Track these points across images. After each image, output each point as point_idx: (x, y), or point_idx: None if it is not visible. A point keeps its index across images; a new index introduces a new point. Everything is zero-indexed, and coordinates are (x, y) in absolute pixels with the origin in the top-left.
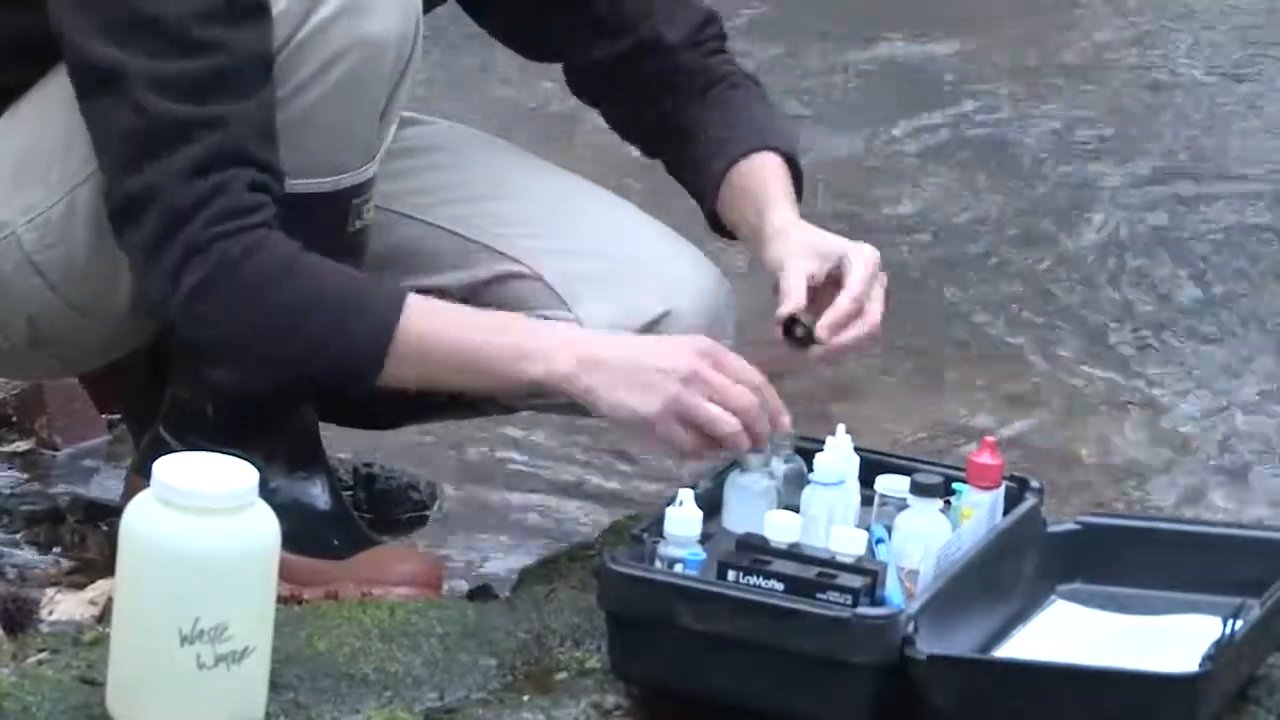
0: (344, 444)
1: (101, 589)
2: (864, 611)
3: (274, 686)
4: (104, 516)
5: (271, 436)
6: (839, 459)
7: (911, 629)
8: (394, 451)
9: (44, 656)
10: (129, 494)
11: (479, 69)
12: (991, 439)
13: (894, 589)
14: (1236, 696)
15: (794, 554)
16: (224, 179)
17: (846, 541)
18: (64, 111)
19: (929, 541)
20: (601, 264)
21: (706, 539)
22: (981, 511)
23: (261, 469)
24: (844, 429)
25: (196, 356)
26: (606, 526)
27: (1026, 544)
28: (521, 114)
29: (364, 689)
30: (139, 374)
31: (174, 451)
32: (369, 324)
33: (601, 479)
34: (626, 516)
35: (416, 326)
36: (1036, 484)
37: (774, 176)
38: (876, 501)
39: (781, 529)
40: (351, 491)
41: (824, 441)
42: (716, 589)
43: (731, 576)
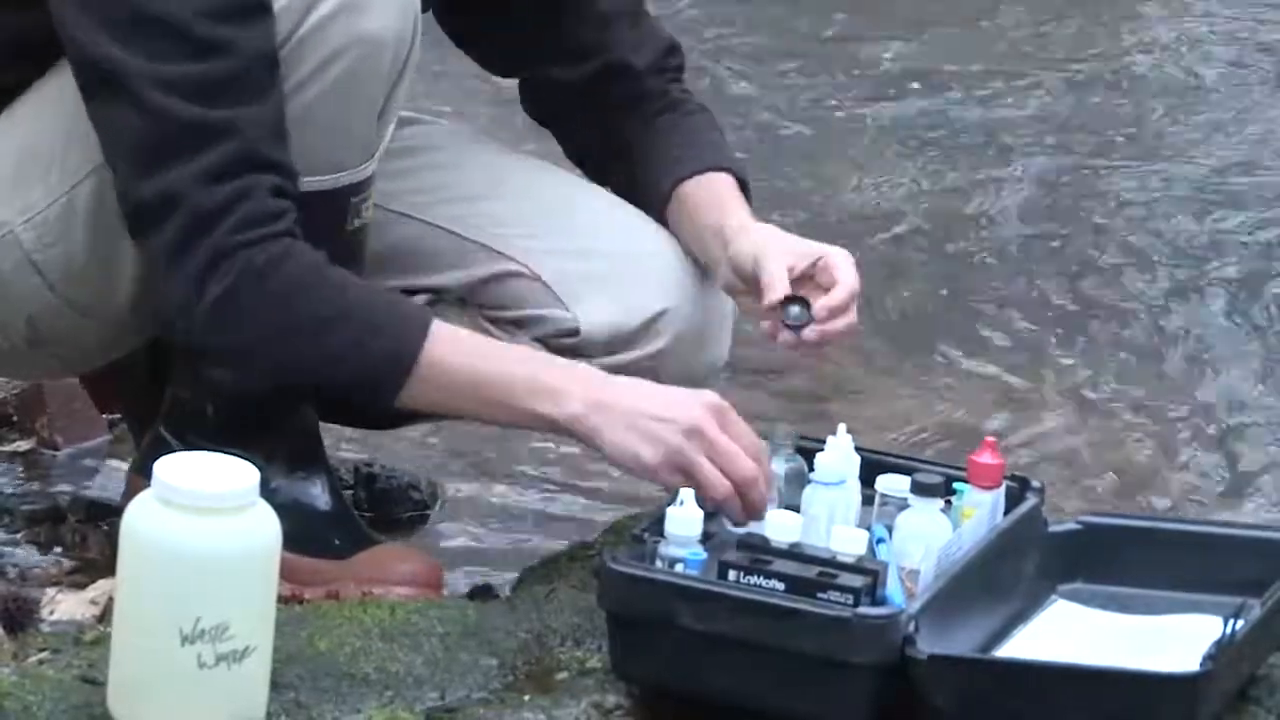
0: (345, 443)
1: (102, 589)
2: (865, 611)
3: (275, 686)
4: (105, 516)
5: (272, 436)
6: (840, 458)
7: (912, 629)
8: (394, 451)
9: (45, 656)
10: (130, 493)
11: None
12: (992, 439)
13: (895, 589)
14: (1237, 696)
15: (795, 554)
16: (246, 184)
17: (847, 541)
18: (63, 111)
19: (930, 541)
20: (599, 263)
21: (707, 539)
22: (982, 511)
23: (262, 469)
24: (845, 428)
25: (197, 357)
26: (607, 526)
27: (1027, 544)
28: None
29: (365, 689)
30: (139, 374)
31: (174, 451)
32: (391, 344)
33: (602, 478)
34: (627, 516)
35: (438, 352)
36: (1037, 484)
37: (729, 189)
38: (877, 501)
39: (782, 529)
40: (352, 491)
41: (825, 441)
42: (717, 589)
43: (732, 576)
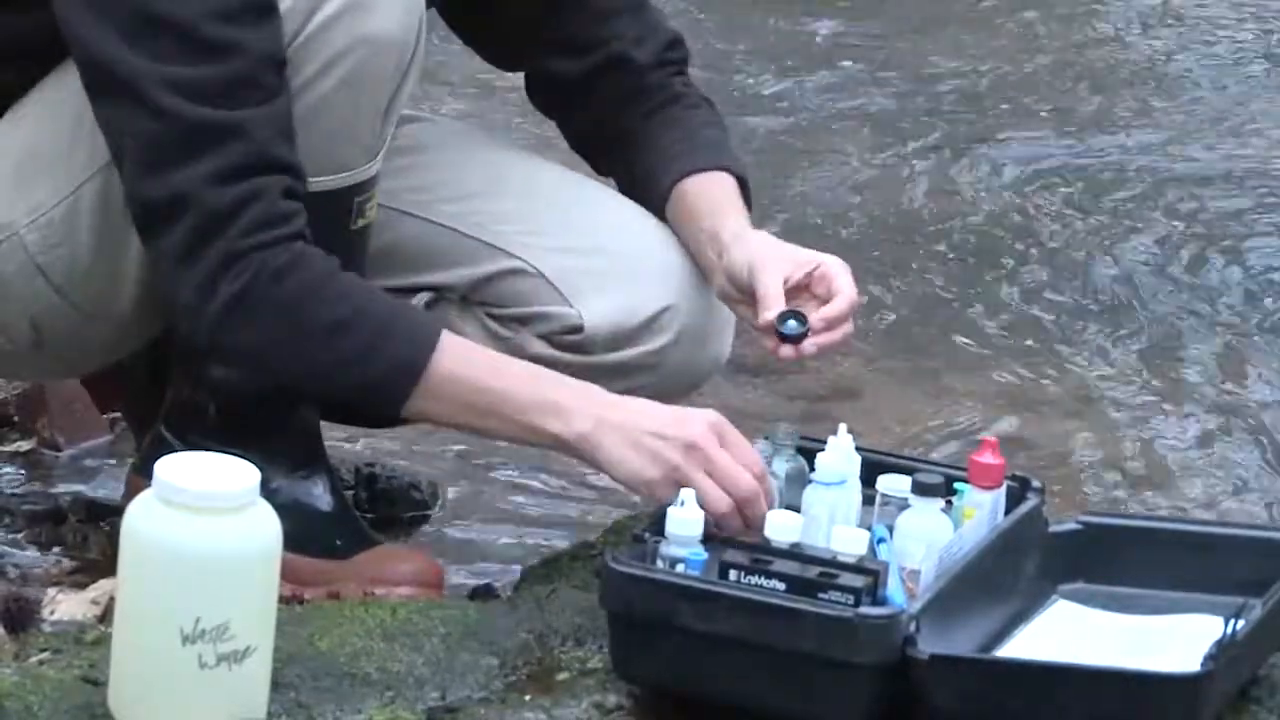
0: (345, 443)
1: (103, 589)
2: (866, 611)
3: (276, 686)
4: (106, 516)
5: (273, 436)
6: (840, 459)
7: (913, 629)
8: (395, 451)
9: (46, 656)
10: (130, 493)
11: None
12: (993, 439)
13: (895, 589)
14: (1238, 696)
15: (795, 554)
16: (257, 186)
17: (848, 541)
18: (67, 111)
19: (931, 541)
20: (601, 260)
21: (709, 539)
22: (983, 511)
23: (263, 469)
24: (845, 429)
25: (201, 357)
26: (608, 526)
27: (1028, 544)
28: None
29: (366, 688)
30: (139, 374)
31: (175, 451)
32: (400, 355)
33: (603, 478)
34: (628, 516)
35: (447, 365)
36: (1038, 484)
37: (726, 191)
38: (878, 501)
39: (783, 529)
40: (353, 491)
41: (825, 441)
42: (718, 589)
43: (733, 576)
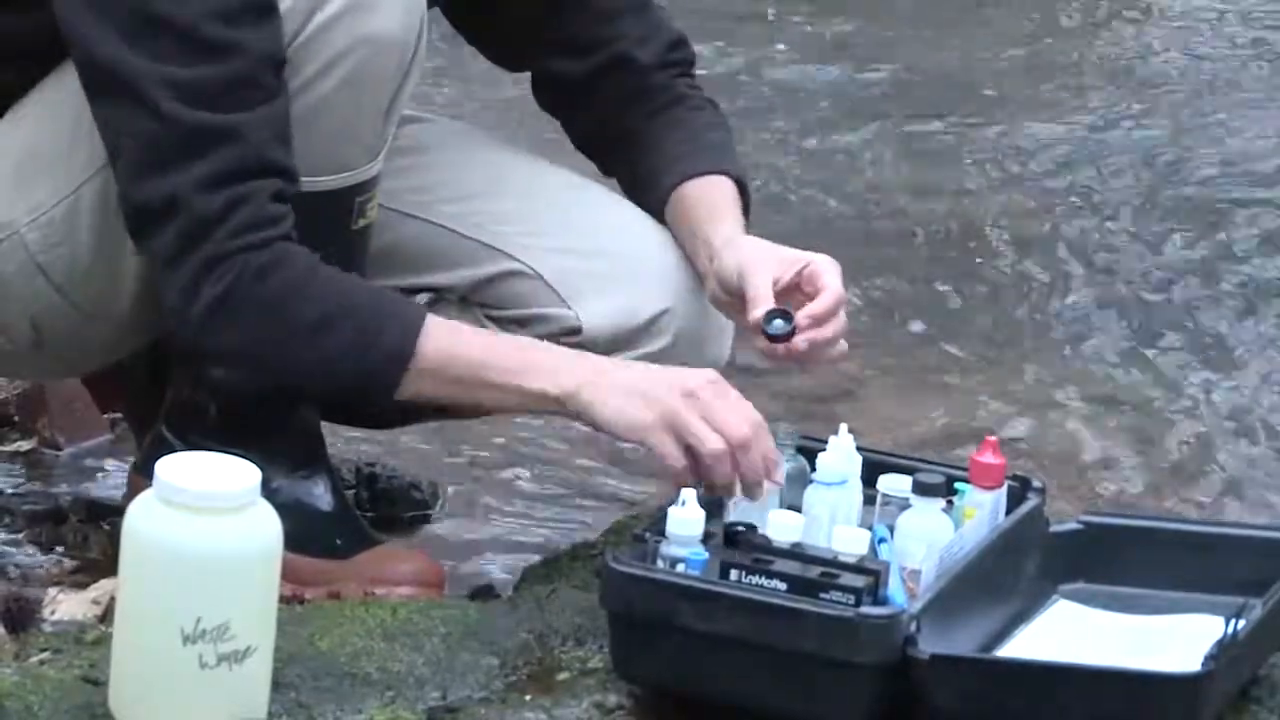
0: (346, 443)
1: (104, 588)
2: (866, 611)
3: (276, 686)
4: (106, 516)
5: (273, 436)
6: (841, 458)
7: (914, 629)
8: (396, 450)
9: (46, 656)
10: (131, 493)
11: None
12: (994, 438)
13: (896, 589)
14: (1238, 696)
15: (796, 554)
16: (246, 190)
17: (849, 541)
18: (68, 111)
19: (931, 541)
20: (601, 262)
21: (709, 539)
22: (984, 511)
23: (263, 468)
24: (846, 428)
25: (205, 359)
26: (609, 526)
27: (1029, 544)
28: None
29: (366, 688)
30: (140, 374)
31: (176, 451)
32: (386, 342)
33: (604, 478)
34: (629, 516)
35: (434, 346)
36: (1039, 483)
37: (724, 196)
38: (879, 501)
39: (784, 528)
40: (354, 491)
41: (826, 441)
42: (719, 589)
43: (734, 576)
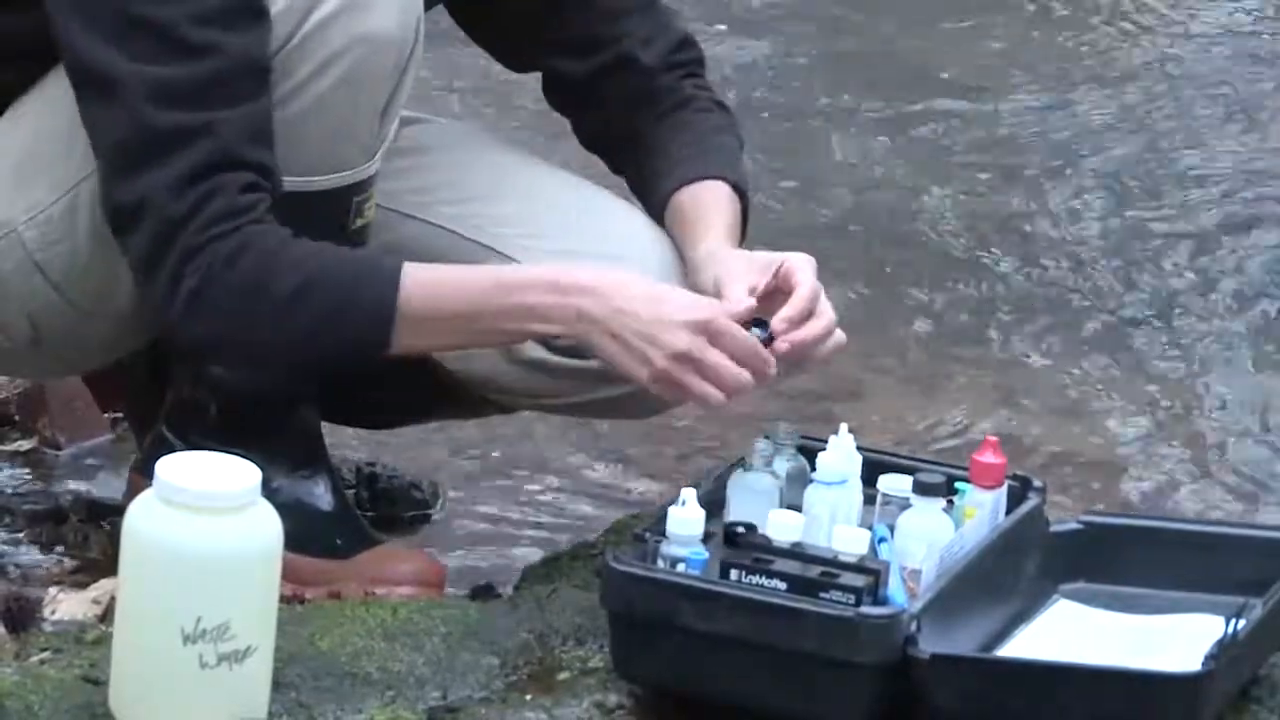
0: (346, 443)
1: (104, 588)
2: (867, 611)
3: (276, 686)
4: (107, 515)
5: (274, 436)
6: (842, 458)
7: (914, 628)
8: (396, 450)
9: (46, 656)
10: (131, 493)
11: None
12: (994, 438)
13: (896, 588)
14: (1238, 696)
15: (797, 553)
16: (215, 185)
17: (849, 541)
18: (66, 109)
19: (932, 541)
20: (600, 264)
21: (709, 538)
22: (984, 511)
23: (264, 468)
24: (846, 428)
25: (197, 355)
26: (609, 525)
27: (1029, 543)
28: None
29: (367, 688)
30: (140, 373)
31: (176, 451)
32: (368, 303)
33: (603, 478)
34: (629, 515)
35: (416, 298)
36: (1039, 483)
37: (717, 205)
38: (879, 501)
39: (784, 528)
40: (354, 490)
41: (827, 441)
42: (719, 588)
43: (734, 576)
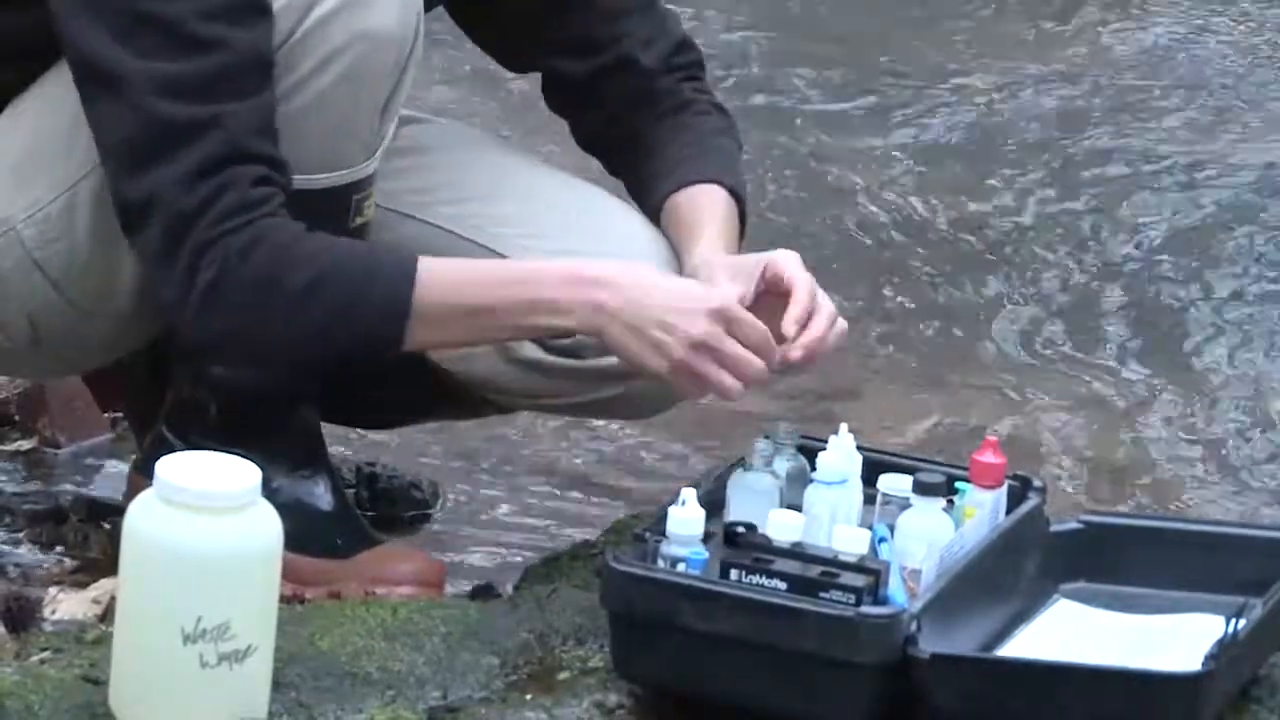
0: (346, 443)
1: (104, 588)
2: (867, 611)
3: (276, 685)
4: (107, 515)
5: (274, 436)
6: (842, 458)
7: (914, 628)
8: (396, 450)
9: (47, 655)
10: (132, 493)
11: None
12: (994, 438)
13: (897, 588)
14: (1238, 696)
15: (797, 553)
16: (227, 179)
17: (849, 541)
18: (66, 108)
19: (932, 540)
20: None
21: (709, 538)
22: (984, 510)
23: (264, 468)
24: (847, 428)
25: (199, 354)
26: (609, 525)
27: (1029, 543)
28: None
29: (367, 688)
30: (140, 373)
31: (176, 450)
32: (383, 297)
33: (604, 478)
34: (629, 515)
35: (430, 293)
36: (1039, 483)
37: (713, 209)
38: (879, 500)
39: (784, 528)
40: (354, 490)
41: (827, 440)
42: (719, 588)
43: (734, 576)
